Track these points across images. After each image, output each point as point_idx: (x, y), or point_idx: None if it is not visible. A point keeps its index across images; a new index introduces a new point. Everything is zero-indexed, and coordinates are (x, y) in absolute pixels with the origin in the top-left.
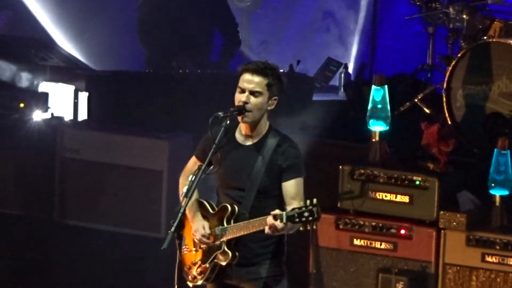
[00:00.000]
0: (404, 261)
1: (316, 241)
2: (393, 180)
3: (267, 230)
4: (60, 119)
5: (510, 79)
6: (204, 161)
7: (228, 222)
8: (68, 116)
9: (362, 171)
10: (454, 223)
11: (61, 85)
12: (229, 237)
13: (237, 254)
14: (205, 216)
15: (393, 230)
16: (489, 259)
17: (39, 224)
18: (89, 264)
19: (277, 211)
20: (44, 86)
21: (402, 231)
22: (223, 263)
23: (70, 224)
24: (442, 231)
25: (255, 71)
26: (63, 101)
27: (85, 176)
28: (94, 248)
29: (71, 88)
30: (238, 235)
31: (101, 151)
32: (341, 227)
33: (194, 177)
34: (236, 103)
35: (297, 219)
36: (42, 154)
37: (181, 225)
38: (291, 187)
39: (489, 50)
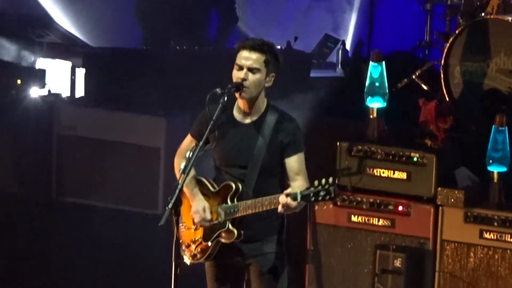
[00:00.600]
0: (402, 238)
1: (313, 218)
2: (390, 157)
3: (280, 208)
4: (57, 95)
5: (508, 55)
6: (200, 139)
7: (232, 201)
8: (65, 93)
9: (360, 147)
10: (452, 200)
11: (58, 62)
12: (238, 215)
13: (242, 232)
14: (206, 194)
15: (390, 207)
16: (487, 235)
17: (37, 202)
18: (87, 241)
19: (289, 190)
20: (41, 63)
21: (400, 208)
22: (227, 241)
23: (67, 201)
24: (440, 207)
25: (252, 48)
26: (60, 77)
27: (82, 153)
28: (92, 225)
29: (68, 64)
30: (247, 213)
31: (98, 128)
32: (338, 203)
33: (191, 153)
34: (234, 80)
35: (312, 198)
36: (39, 131)
37: (179, 202)
38: (295, 163)
39: (486, 27)
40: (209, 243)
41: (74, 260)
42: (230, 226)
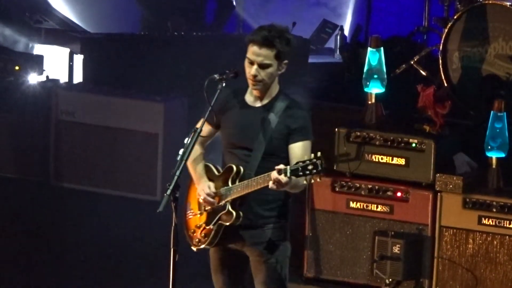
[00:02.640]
0: (401, 224)
1: (312, 204)
2: (389, 143)
3: (271, 185)
4: (55, 81)
5: (506, 41)
6: (213, 123)
7: (233, 182)
8: (63, 79)
9: (358, 133)
10: (451, 186)
11: (56, 48)
12: (235, 196)
13: (241, 214)
14: (211, 178)
15: (389, 193)
16: (485, 221)
17: (34, 187)
18: (84, 227)
19: (281, 166)
20: (39, 49)
21: (399, 194)
22: (227, 224)
23: (65, 187)
24: (439, 193)
25: (262, 44)
26: (58, 63)
27: (80, 139)
28: (89, 211)
29: (66, 50)
30: (243, 193)
31: (96, 114)
32: (337, 189)
33: (190, 140)
34: (247, 74)
35: (301, 173)
36: (37, 117)
37: (177, 188)
38: (298, 149)
39: (485, 12)
40: (211, 226)
41: (72, 246)
42: (230, 208)
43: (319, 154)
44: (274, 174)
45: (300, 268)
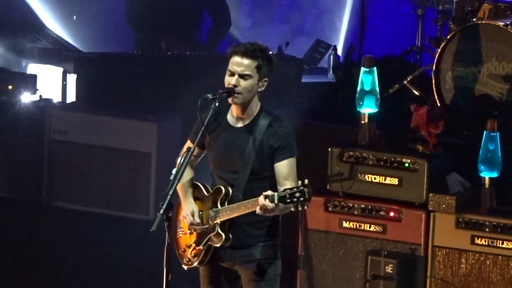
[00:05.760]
0: (393, 244)
1: (305, 224)
2: (382, 162)
3: (258, 210)
4: (48, 101)
5: (499, 61)
6: (197, 143)
7: (222, 204)
8: (56, 98)
9: (351, 153)
10: (444, 206)
11: (49, 67)
12: (222, 219)
13: (230, 236)
14: (200, 198)
15: (382, 213)
16: (478, 241)
17: (27, 206)
18: (77, 246)
19: (268, 192)
20: (32, 68)
21: (391, 214)
22: (217, 245)
23: (59, 206)
24: (432, 213)
25: (244, 54)
26: (51, 83)
27: (73, 158)
28: (83, 231)
29: (59, 70)
30: (231, 216)
31: (89, 133)
32: (330, 209)
33: (183, 159)
34: (226, 86)
35: (288, 200)
36: (31, 136)
37: (170, 208)
38: (284, 168)
39: (478, 32)
40: (201, 247)
41: (65, 265)
42: (219, 230)
43: (306, 181)
44: (261, 201)
45: (293, 287)
